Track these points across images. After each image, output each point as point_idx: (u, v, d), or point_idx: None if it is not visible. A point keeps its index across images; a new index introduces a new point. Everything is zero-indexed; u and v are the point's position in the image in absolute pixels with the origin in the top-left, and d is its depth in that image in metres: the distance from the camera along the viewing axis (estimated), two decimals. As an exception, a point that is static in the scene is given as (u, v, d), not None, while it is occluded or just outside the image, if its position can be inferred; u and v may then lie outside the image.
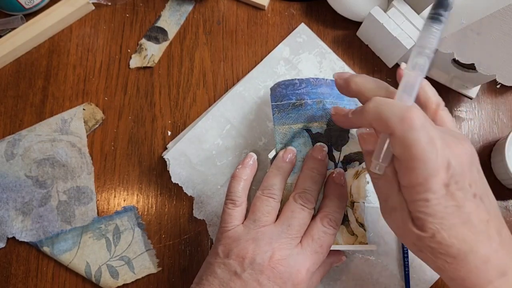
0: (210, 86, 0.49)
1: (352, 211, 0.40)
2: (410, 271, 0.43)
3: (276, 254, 0.33)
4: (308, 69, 0.49)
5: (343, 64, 0.49)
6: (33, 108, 0.47)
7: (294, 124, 0.39)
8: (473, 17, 0.39)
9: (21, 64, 0.49)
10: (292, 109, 0.40)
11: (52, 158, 0.45)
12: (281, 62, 0.49)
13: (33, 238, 0.43)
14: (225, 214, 0.37)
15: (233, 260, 0.33)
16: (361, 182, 0.40)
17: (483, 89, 0.50)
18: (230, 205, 0.37)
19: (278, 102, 0.40)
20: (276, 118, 0.40)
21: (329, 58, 0.49)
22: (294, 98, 0.40)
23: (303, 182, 0.37)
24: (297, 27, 0.50)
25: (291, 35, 0.50)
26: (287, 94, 0.40)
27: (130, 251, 0.44)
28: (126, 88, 0.48)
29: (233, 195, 0.37)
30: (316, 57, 0.49)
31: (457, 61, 0.46)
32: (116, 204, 0.45)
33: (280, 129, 0.39)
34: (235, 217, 0.36)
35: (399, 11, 0.46)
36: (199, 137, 0.45)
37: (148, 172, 0.46)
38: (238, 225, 0.36)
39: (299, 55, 0.49)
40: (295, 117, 0.39)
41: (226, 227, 0.36)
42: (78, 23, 0.50)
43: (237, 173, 0.39)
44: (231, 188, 0.38)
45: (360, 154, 0.40)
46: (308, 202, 0.36)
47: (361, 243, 0.38)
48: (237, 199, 0.37)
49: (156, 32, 0.50)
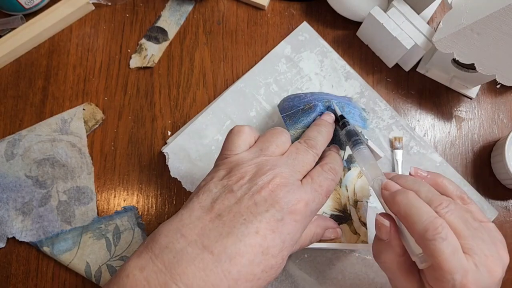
0: (210, 86, 0.49)
1: (355, 210, 0.40)
2: None
3: (277, 179, 0.31)
4: (309, 68, 0.49)
5: (344, 63, 0.49)
6: (33, 108, 0.47)
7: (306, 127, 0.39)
8: (473, 17, 0.39)
9: (21, 64, 0.49)
10: (303, 113, 0.40)
11: (52, 158, 0.45)
12: (282, 59, 0.49)
13: (33, 238, 0.43)
14: (228, 143, 0.34)
15: (231, 180, 0.31)
16: (364, 182, 0.40)
17: (483, 89, 0.50)
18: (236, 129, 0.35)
19: (288, 112, 0.40)
20: (288, 125, 0.40)
21: (330, 57, 0.49)
22: (302, 105, 0.40)
23: (309, 132, 0.37)
24: (299, 25, 0.50)
25: (293, 33, 0.50)
26: (295, 105, 0.41)
27: (130, 251, 0.44)
28: (126, 88, 0.48)
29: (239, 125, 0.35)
30: (317, 56, 0.49)
31: (457, 61, 0.46)
32: (116, 204, 0.45)
33: (294, 133, 0.39)
34: (239, 145, 0.34)
35: (399, 11, 0.46)
36: (198, 132, 0.46)
37: (148, 172, 0.46)
38: (243, 151, 0.34)
39: (301, 53, 0.49)
40: (306, 120, 0.39)
41: (229, 154, 0.34)
42: (78, 23, 0.50)
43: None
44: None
45: None
46: (312, 146, 0.35)
47: (363, 242, 0.39)
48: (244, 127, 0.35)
49: (156, 32, 0.50)
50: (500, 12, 0.38)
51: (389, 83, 0.50)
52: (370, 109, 0.48)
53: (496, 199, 0.47)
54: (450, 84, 0.49)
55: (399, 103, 0.50)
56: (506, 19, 0.38)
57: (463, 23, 0.40)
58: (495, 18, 0.38)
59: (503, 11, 0.38)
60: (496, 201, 0.47)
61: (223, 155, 0.34)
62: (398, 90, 0.50)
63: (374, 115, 0.48)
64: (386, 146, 0.47)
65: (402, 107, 0.49)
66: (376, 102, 0.48)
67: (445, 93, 0.50)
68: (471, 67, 0.44)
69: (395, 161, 0.46)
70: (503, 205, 0.47)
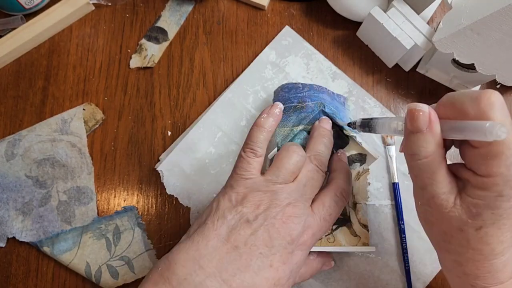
0: (210, 86, 0.49)
1: (355, 212, 0.40)
2: (410, 265, 0.43)
3: (289, 209, 0.32)
4: (296, 71, 0.49)
5: (330, 64, 0.49)
6: (33, 108, 0.47)
7: (295, 126, 0.40)
8: (473, 17, 0.39)
9: (21, 64, 0.49)
10: (294, 112, 0.40)
11: (52, 158, 0.45)
12: (268, 66, 0.49)
13: (33, 238, 0.43)
14: (243, 162, 0.35)
15: (247, 208, 0.32)
16: (362, 183, 0.40)
17: (483, 89, 0.50)
18: (250, 153, 0.35)
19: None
20: None
21: (315, 59, 0.49)
22: (295, 101, 0.40)
23: (316, 145, 0.37)
24: (282, 30, 0.50)
25: (276, 38, 0.50)
26: (289, 98, 0.41)
27: (130, 251, 0.44)
28: (126, 88, 0.48)
29: (255, 145, 0.35)
30: (302, 59, 0.49)
31: (457, 61, 0.46)
32: (116, 204, 0.45)
33: (282, 131, 0.39)
34: (254, 167, 0.35)
35: (399, 11, 0.46)
36: (191, 147, 0.45)
37: (148, 172, 0.46)
38: (256, 175, 0.34)
39: (286, 58, 0.49)
40: (296, 120, 0.40)
41: (244, 175, 0.34)
42: (78, 23, 0.50)
43: (261, 122, 0.36)
44: (253, 137, 0.35)
45: (360, 156, 0.40)
46: (322, 164, 0.36)
47: (364, 244, 0.39)
48: (258, 150, 0.35)
49: (156, 32, 0.50)
50: (500, 12, 0.38)
51: (389, 83, 0.50)
52: (359, 108, 0.48)
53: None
54: (450, 84, 0.49)
55: (399, 103, 0.50)
56: (506, 19, 0.38)
57: (463, 23, 0.40)
58: (495, 18, 0.38)
59: (503, 11, 0.38)
60: None
61: (238, 174, 0.34)
62: (398, 90, 0.50)
63: (364, 113, 0.48)
64: (379, 143, 0.47)
65: (402, 107, 0.49)
66: (365, 100, 0.48)
67: (445, 93, 0.49)
68: (471, 67, 0.44)
69: (389, 157, 0.46)
70: (503, 205, 0.47)
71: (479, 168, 0.26)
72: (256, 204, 0.32)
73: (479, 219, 0.26)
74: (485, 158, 0.25)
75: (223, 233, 0.31)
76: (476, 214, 0.26)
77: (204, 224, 0.32)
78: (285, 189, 0.33)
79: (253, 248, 0.31)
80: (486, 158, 0.25)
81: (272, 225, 0.31)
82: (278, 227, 0.31)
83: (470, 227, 0.26)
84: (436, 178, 0.28)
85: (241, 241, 0.31)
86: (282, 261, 0.31)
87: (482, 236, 0.26)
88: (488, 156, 0.25)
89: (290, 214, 0.32)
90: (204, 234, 0.31)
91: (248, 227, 0.31)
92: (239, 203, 0.32)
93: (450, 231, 0.28)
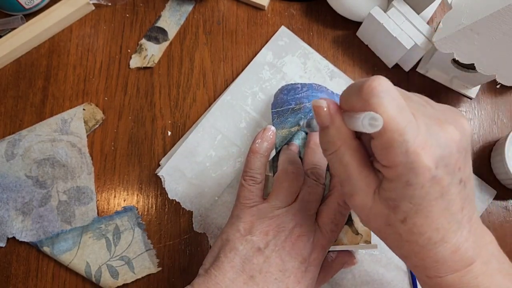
0: (210, 86, 0.49)
1: None
2: None
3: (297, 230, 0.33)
4: (293, 71, 0.49)
5: (327, 63, 0.49)
6: (33, 108, 0.47)
7: (293, 127, 0.40)
8: (473, 17, 0.39)
9: (21, 64, 0.49)
10: (291, 114, 0.40)
11: (52, 158, 0.45)
12: (265, 67, 0.48)
13: (33, 238, 0.43)
14: (245, 191, 0.35)
15: (256, 236, 0.33)
16: None
17: (483, 89, 0.50)
18: (250, 181, 0.36)
19: (278, 109, 0.41)
20: (275, 123, 0.41)
21: (312, 58, 0.49)
22: (293, 103, 0.41)
23: (312, 157, 0.37)
24: (278, 30, 0.50)
25: (272, 39, 0.50)
26: (287, 100, 0.41)
27: (130, 251, 0.44)
28: (126, 88, 0.49)
29: (254, 172, 0.36)
30: (299, 59, 0.49)
31: (457, 61, 0.46)
32: (116, 204, 0.45)
33: (280, 133, 0.39)
34: (256, 194, 0.36)
35: (399, 11, 0.46)
36: (191, 151, 0.45)
37: (148, 172, 0.46)
38: (259, 202, 0.35)
39: (283, 58, 0.49)
40: (293, 121, 0.40)
41: (247, 203, 0.35)
42: (78, 23, 0.50)
43: (256, 148, 0.37)
44: (251, 164, 0.36)
45: None
46: (320, 177, 0.36)
47: (366, 242, 0.39)
48: (257, 177, 0.36)
49: (156, 32, 0.50)
50: (500, 12, 0.38)
51: (389, 83, 0.50)
52: None
53: (496, 199, 0.47)
54: (450, 84, 0.49)
55: (399, 103, 0.50)
56: (506, 19, 0.38)
57: (463, 23, 0.40)
58: (495, 18, 0.38)
59: (503, 11, 0.38)
60: (496, 201, 0.47)
61: (242, 203, 0.35)
62: (398, 90, 0.50)
63: None
64: None
65: (402, 107, 0.49)
66: None
67: (445, 93, 0.50)
68: (471, 67, 0.44)
69: None
70: (503, 205, 0.47)
71: (382, 159, 0.24)
72: (264, 232, 0.33)
73: (400, 212, 0.25)
74: (383, 148, 0.23)
75: (238, 264, 0.32)
76: (394, 207, 0.25)
77: (218, 257, 0.33)
78: (289, 211, 0.34)
79: (267, 275, 0.32)
80: (383, 148, 0.23)
81: (283, 248, 0.33)
82: (288, 250, 0.33)
83: (395, 220, 0.25)
84: (349, 172, 0.26)
85: (256, 270, 0.32)
86: (297, 281, 0.32)
87: (410, 227, 0.25)
88: (384, 146, 0.23)
89: (298, 235, 0.33)
90: (220, 267, 0.32)
91: (260, 255, 0.32)
92: (248, 232, 0.33)
93: (381, 228, 0.27)
